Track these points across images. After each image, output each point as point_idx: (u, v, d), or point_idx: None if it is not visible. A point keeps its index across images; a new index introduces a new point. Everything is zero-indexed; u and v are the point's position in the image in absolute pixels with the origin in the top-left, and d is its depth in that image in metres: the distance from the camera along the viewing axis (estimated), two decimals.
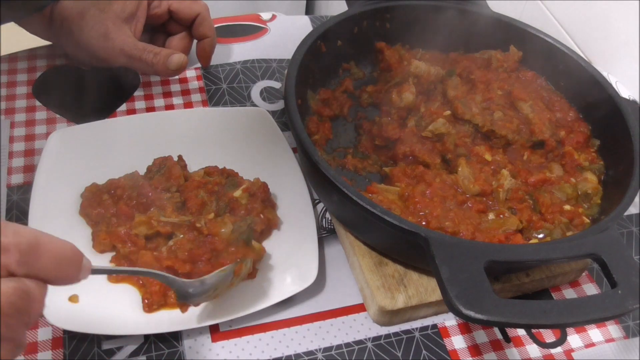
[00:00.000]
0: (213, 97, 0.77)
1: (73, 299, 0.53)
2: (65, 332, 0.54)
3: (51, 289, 0.38)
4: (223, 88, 0.79)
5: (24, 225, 0.36)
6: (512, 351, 0.58)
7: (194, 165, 0.66)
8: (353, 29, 0.73)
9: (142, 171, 0.63)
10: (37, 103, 0.73)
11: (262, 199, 0.61)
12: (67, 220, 0.60)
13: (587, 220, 0.60)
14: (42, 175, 0.61)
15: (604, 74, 0.69)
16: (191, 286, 0.51)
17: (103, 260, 0.57)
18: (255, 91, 0.79)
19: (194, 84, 0.79)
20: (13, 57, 0.79)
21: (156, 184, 0.61)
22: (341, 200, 0.53)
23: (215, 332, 0.55)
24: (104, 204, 0.60)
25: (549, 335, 0.59)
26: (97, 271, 0.42)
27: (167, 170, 0.62)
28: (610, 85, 0.67)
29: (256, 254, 0.57)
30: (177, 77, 0.79)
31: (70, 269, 0.38)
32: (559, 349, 0.58)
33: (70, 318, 0.52)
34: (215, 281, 0.52)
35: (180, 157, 0.65)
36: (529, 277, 0.59)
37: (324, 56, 0.70)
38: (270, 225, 0.61)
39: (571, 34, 0.92)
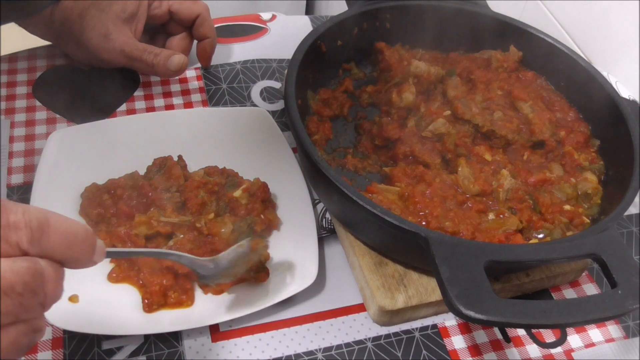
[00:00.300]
0: (213, 97, 0.77)
1: (73, 299, 0.53)
2: (65, 332, 0.54)
3: None
4: (223, 88, 0.79)
5: (32, 205, 0.35)
6: (512, 351, 0.58)
7: (194, 165, 0.65)
8: (353, 29, 0.73)
9: (142, 171, 0.63)
10: (37, 103, 0.73)
11: (262, 199, 0.61)
12: None
13: (587, 220, 0.60)
14: (42, 175, 0.61)
15: (604, 74, 0.69)
16: (204, 266, 0.50)
17: (103, 260, 0.57)
18: (255, 91, 0.79)
19: (194, 84, 0.79)
20: (13, 57, 0.79)
21: (156, 184, 0.61)
22: (341, 200, 0.53)
23: (215, 332, 0.55)
24: (104, 204, 0.60)
25: (549, 335, 0.59)
26: (111, 254, 0.40)
27: (167, 170, 0.62)
28: (610, 85, 0.67)
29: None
30: (177, 77, 0.79)
31: (83, 249, 0.37)
32: (559, 349, 0.58)
33: (70, 318, 0.52)
34: (233, 258, 0.51)
35: (180, 157, 0.65)
36: (529, 277, 0.59)
37: (324, 56, 0.70)
38: (270, 225, 0.61)
39: (571, 34, 0.92)
